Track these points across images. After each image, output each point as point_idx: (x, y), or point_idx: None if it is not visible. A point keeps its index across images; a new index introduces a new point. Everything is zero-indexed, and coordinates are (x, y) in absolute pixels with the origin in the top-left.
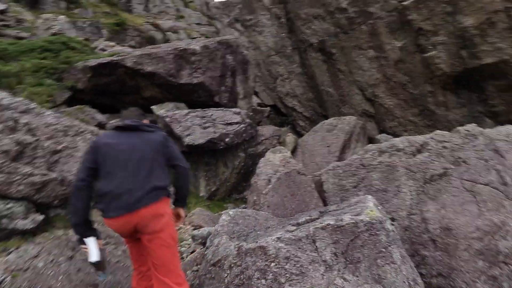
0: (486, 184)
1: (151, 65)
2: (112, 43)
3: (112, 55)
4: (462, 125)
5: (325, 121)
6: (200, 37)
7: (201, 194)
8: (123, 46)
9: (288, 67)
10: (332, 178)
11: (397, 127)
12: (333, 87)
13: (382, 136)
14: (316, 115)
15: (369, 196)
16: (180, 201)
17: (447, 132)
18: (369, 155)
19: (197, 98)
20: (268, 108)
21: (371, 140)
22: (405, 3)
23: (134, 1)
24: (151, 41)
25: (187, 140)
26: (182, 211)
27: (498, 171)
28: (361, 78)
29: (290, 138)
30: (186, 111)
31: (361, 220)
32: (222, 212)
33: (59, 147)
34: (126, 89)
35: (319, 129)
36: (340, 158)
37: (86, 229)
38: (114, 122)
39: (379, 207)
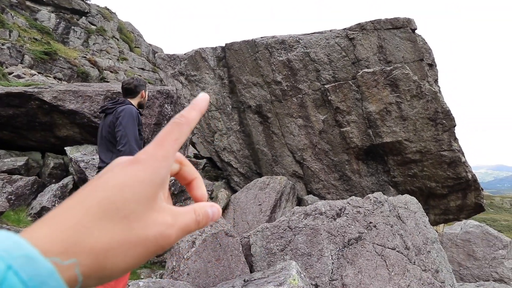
0: (393, 249)
1: (74, 103)
2: (33, 71)
3: (28, 85)
4: (372, 191)
5: (259, 179)
6: None
7: None
8: (47, 76)
9: (227, 124)
10: (260, 240)
11: (322, 189)
12: (267, 147)
13: (309, 197)
14: (251, 172)
15: (293, 263)
16: None
17: (360, 198)
18: (295, 217)
19: None
20: (204, 160)
21: (300, 201)
22: (326, 86)
23: (73, 35)
24: (84, 76)
25: None
26: None
27: (401, 236)
28: (291, 142)
29: (223, 194)
30: None
31: None
32: (129, 283)
33: None
34: (35, 125)
35: (253, 186)
36: (270, 218)
37: None
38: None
39: (303, 274)
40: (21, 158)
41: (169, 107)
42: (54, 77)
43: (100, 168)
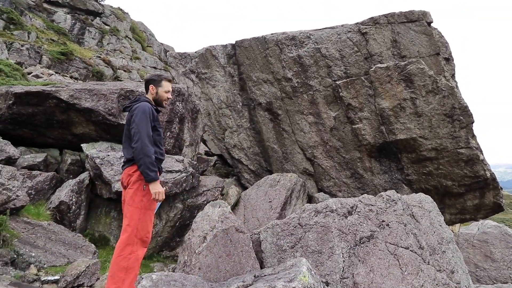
0: (406, 248)
1: (90, 102)
2: (50, 71)
3: (45, 84)
4: (385, 189)
5: (269, 176)
6: None
7: None
8: (64, 76)
9: (238, 121)
10: (271, 237)
11: (333, 187)
12: (277, 144)
13: (320, 194)
14: (261, 169)
15: (304, 260)
16: (143, 176)
17: (372, 196)
18: (306, 214)
19: None
20: (215, 157)
21: (310, 198)
22: (337, 82)
23: (87, 35)
24: (99, 75)
25: (117, 186)
26: (150, 186)
27: (415, 235)
28: (302, 139)
29: (233, 190)
30: (121, 153)
31: (294, 287)
32: (143, 276)
33: None
34: (53, 123)
35: (263, 183)
36: (280, 215)
37: None
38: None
39: (313, 271)
40: (40, 155)
41: (180, 104)
42: (71, 77)
43: (123, 163)
